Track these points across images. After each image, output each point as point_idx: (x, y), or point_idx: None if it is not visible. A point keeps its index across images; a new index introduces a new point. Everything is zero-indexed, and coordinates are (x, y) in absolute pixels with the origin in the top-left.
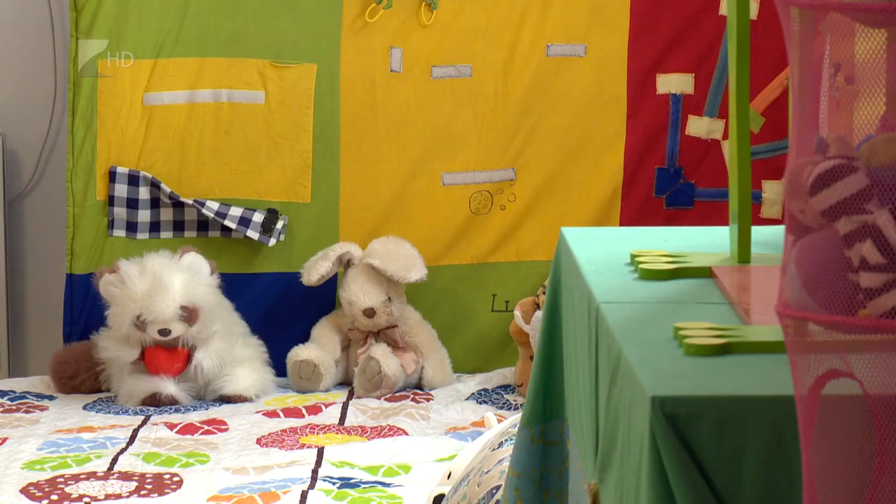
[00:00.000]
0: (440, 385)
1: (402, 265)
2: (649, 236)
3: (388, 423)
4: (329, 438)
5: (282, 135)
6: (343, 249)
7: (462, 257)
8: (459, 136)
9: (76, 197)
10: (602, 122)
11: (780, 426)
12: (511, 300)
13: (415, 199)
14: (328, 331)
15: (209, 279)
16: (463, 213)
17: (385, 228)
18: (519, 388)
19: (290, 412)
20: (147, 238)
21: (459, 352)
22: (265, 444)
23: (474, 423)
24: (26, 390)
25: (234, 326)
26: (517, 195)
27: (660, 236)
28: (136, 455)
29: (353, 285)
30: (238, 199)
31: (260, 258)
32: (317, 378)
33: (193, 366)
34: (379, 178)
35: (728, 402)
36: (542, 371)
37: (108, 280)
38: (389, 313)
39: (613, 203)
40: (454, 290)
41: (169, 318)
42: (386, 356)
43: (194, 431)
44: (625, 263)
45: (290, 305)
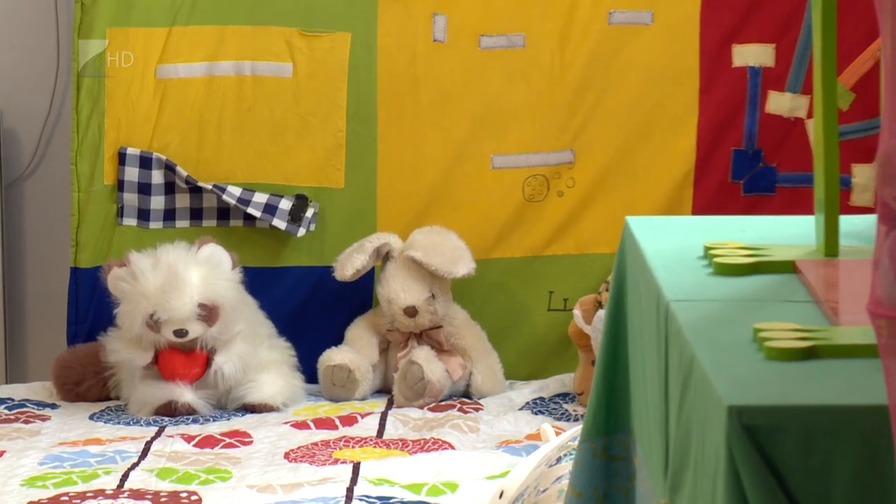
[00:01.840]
0: (490, 393)
1: (447, 258)
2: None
3: (433, 436)
4: (366, 453)
5: (312, 112)
6: (381, 241)
7: (515, 250)
8: (511, 113)
9: (81, 181)
10: (671, 98)
11: (872, 439)
12: (570, 298)
13: (461, 184)
14: (364, 332)
15: (230, 273)
16: (515, 199)
17: (428, 217)
18: (579, 396)
19: (322, 423)
20: (161, 227)
21: (512, 356)
22: (294, 459)
23: (529, 435)
24: (26, 398)
25: (258, 327)
26: (576, 180)
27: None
28: (149, 471)
29: (392, 281)
30: (263, 184)
31: (288, 250)
32: (352, 385)
33: (213, 371)
34: (421, 160)
35: (814, 413)
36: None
37: (117, 274)
38: (433, 312)
39: (685, 189)
40: (506, 287)
41: (185, 317)
42: (429, 360)
43: (214, 444)
44: (698, 257)
45: (322, 303)
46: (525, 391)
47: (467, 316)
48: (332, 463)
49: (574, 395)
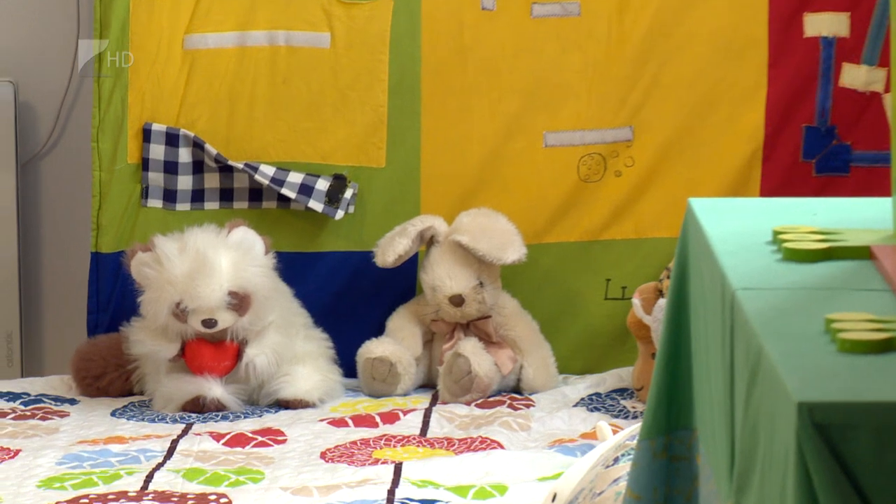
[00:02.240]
0: (543, 388)
1: (496, 243)
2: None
3: (480, 435)
4: (408, 452)
5: (351, 85)
6: (425, 224)
7: (569, 234)
8: (565, 87)
9: (103, 159)
10: (738, 70)
11: None
12: (628, 286)
13: (511, 163)
14: (407, 322)
15: (263, 259)
16: (570, 180)
17: (475, 199)
18: (638, 392)
19: (362, 420)
20: (188, 209)
21: (566, 348)
22: (331, 459)
23: (584, 434)
24: (43, 393)
25: (293, 316)
26: (635, 159)
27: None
28: (175, 471)
29: (437, 267)
30: (298, 163)
31: (324, 234)
32: (393, 379)
33: (244, 364)
34: (468, 137)
35: (890, 410)
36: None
37: (141, 260)
38: (481, 301)
39: (752, 169)
40: (559, 274)
41: (215, 305)
42: (477, 353)
43: (245, 443)
44: (766, 242)
45: (362, 291)
46: (580, 386)
47: (518, 305)
48: (371, 463)
49: (632, 390)
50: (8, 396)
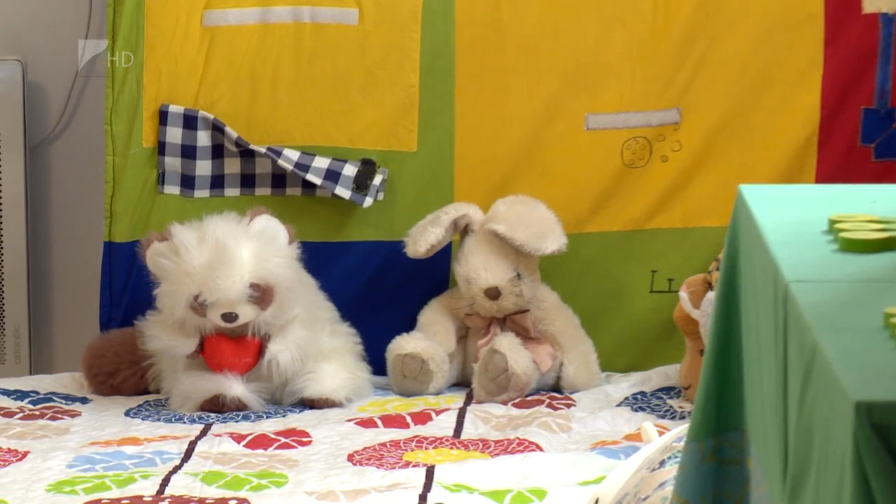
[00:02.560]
0: (584, 387)
1: (534, 232)
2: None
3: (517, 436)
4: (441, 455)
5: (380, 64)
6: (459, 212)
7: (612, 222)
8: (608, 67)
9: (117, 143)
10: (792, 49)
11: None
12: (675, 278)
13: (551, 147)
14: (440, 316)
15: (287, 249)
16: (613, 165)
17: (513, 185)
18: (686, 390)
19: (391, 421)
20: (207, 196)
21: (609, 344)
22: (359, 462)
23: (628, 435)
24: (53, 391)
25: (318, 310)
26: (683, 143)
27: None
28: (193, 475)
29: (471, 258)
30: (324, 147)
31: (352, 223)
32: (425, 377)
33: (267, 360)
34: (505, 120)
35: None
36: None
37: (157, 250)
38: (518, 294)
39: (807, 153)
40: (602, 265)
41: (235, 298)
42: (514, 349)
43: (268, 445)
44: (822, 231)
45: (391, 284)
46: (624, 385)
47: (557, 298)
48: (402, 466)
49: (680, 389)
50: (16, 395)
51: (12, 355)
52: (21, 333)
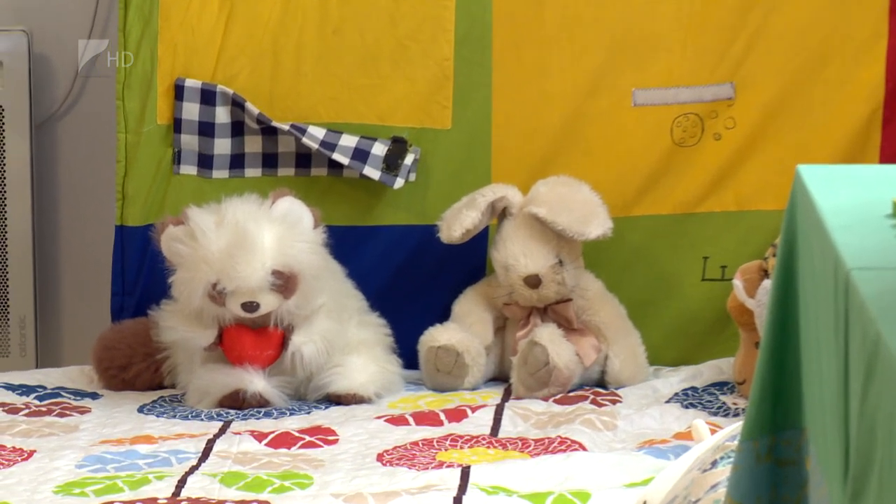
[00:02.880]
0: (631, 382)
1: (577, 216)
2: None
3: (559, 434)
4: (478, 454)
5: (412, 36)
6: (497, 194)
7: (661, 205)
8: (657, 38)
9: (129, 120)
10: (855, 19)
11: None
12: (729, 265)
13: (595, 124)
14: (476, 306)
15: (312, 234)
16: (663, 144)
17: (554, 165)
18: (740, 386)
19: (424, 418)
20: (226, 177)
21: (658, 336)
22: (389, 462)
23: (678, 434)
24: (60, 385)
25: (345, 299)
26: (737, 120)
27: None
28: (211, 476)
29: (510, 244)
30: (352, 125)
31: (382, 205)
32: (460, 371)
33: (290, 353)
34: (546, 95)
35: None
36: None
37: (173, 235)
38: (560, 282)
39: (870, 131)
40: (650, 251)
41: (256, 286)
42: (556, 342)
43: (291, 444)
44: (885, 215)
45: (424, 271)
46: (673, 379)
47: (602, 287)
48: (435, 467)
49: (733, 384)
50: (21, 390)
51: (17, 347)
52: (27, 324)
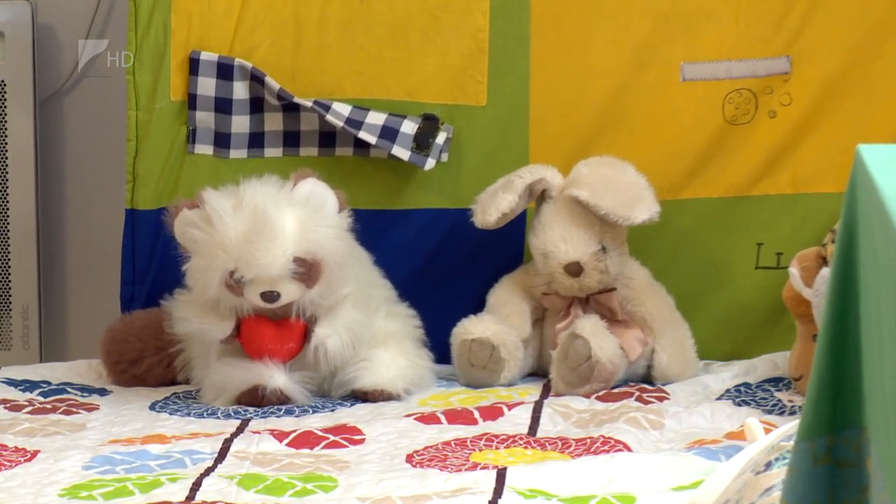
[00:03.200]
0: (679, 377)
1: (622, 199)
2: None
3: (602, 434)
4: (514, 455)
5: (444, 6)
6: (535, 175)
7: (712, 188)
8: (708, 8)
9: (141, 96)
10: None
11: None
12: (785, 252)
13: (641, 101)
14: (512, 296)
15: (336, 218)
16: (713, 121)
17: (597, 145)
18: (797, 382)
19: (457, 416)
20: (245, 157)
21: (708, 328)
22: (419, 464)
23: (730, 433)
24: (66, 381)
25: (373, 288)
26: (793, 96)
27: None
28: (228, 478)
29: (549, 229)
30: (380, 101)
31: (411, 188)
32: (496, 365)
33: (313, 346)
34: (588, 69)
35: None
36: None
37: (187, 219)
38: (603, 270)
39: None
40: (700, 237)
41: (277, 275)
42: (598, 334)
43: (314, 444)
44: None
45: (457, 258)
46: (725, 375)
47: (649, 275)
48: (469, 468)
49: (789, 380)
50: (24, 385)
51: (20, 340)
52: (30, 314)
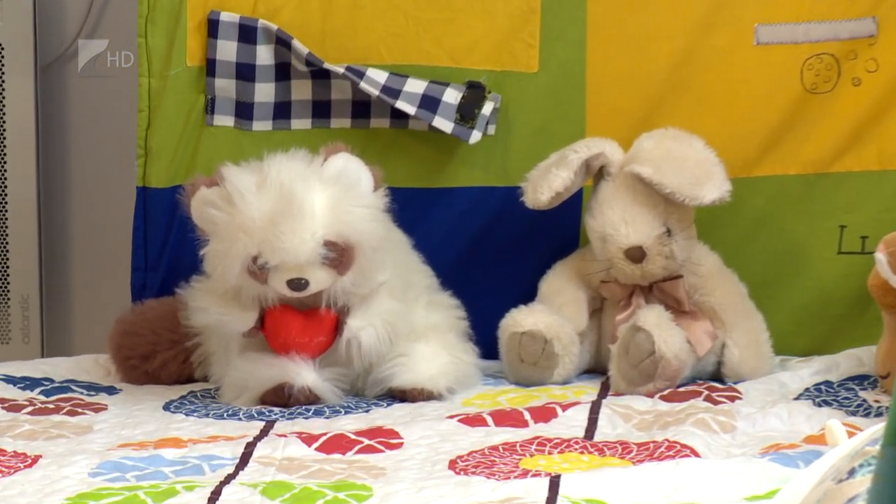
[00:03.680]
0: (752, 375)
1: (689, 177)
2: None
3: (667, 437)
4: (569, 461)
5: None
6: (592, 150)
7: (789, 164)
8: None
9: (153, 62)
10: None
11: None
12: (870, 235)
13: (710, 67)
14: (567, 284)
15: (371, 198)
16: (791, 90)
17: (661, 116)
18: (883, 380)
19: (505, 417)
20: (269, 129)
21: (784, 320)
22: (463, 471)
23: (809, 437)
24: (71, 378)
25: (411, 275)
26: (880, 62)
27: None
28: (251, 486)
29: (608, 210)
30: (419, 67)
31: (455, 164)
32: (549, 361)
33: (345, 340)
34: (651, 32)
35: None
36: None
37: (205, 198)
38: (669, 256)
39: None
40: (776, 219)
41: (305, 260)
42: (663, 326)
43: (346, 448)
44: None
45: (505, 242)
46: (803, 372)
47: (719, 261)
48: (519, 476)
49: (875, 377)
50: (24, 383)
51: (19, 332)
52: (31, 304)
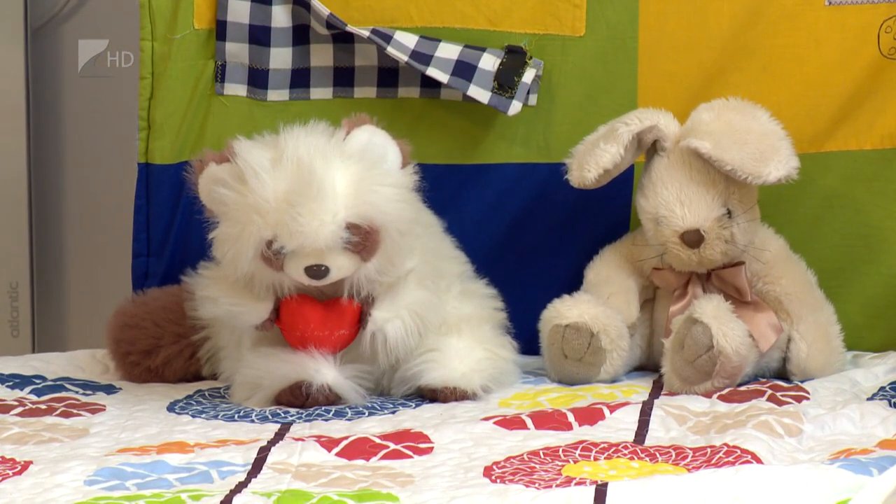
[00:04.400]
0: (821, 372)
1: (752, 152)
2: None
3: (725, 442)
4: (617, 468)
5: None
6: (644, 122)
7: (863, 138)
8: None
9: (157, 23)
10: None
11: None
12: None
13: (776, 31)
14: (616, 271)
15: (399, 175)
16: (866, 56)
17: (721, 84)
18: None
19: (546, 419)
20: (286, 99)
21: (858, 313)
22: (500, 479)
23: (884, 441)
24: (65, 376)
25: (443, 262)
26: None
27: None
28: (264, 495)
29: (662, 189)
30: (452, 30)
31: (491, 138)
32: (596, 357)
33: (370, 333)
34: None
35: None
36: None
37: (214, 176)
38: (729, 240)
39: None
40: (849, 200)
41: (325, 245)
42: (722, 319)
43: (370, 454)
44: None
45: (548, 225)
46: (878, 370)
47: (785, 246)
48: (562, 484)
49: None
50: (12, 381)
51: (7, 325)
52: (19, 293)
